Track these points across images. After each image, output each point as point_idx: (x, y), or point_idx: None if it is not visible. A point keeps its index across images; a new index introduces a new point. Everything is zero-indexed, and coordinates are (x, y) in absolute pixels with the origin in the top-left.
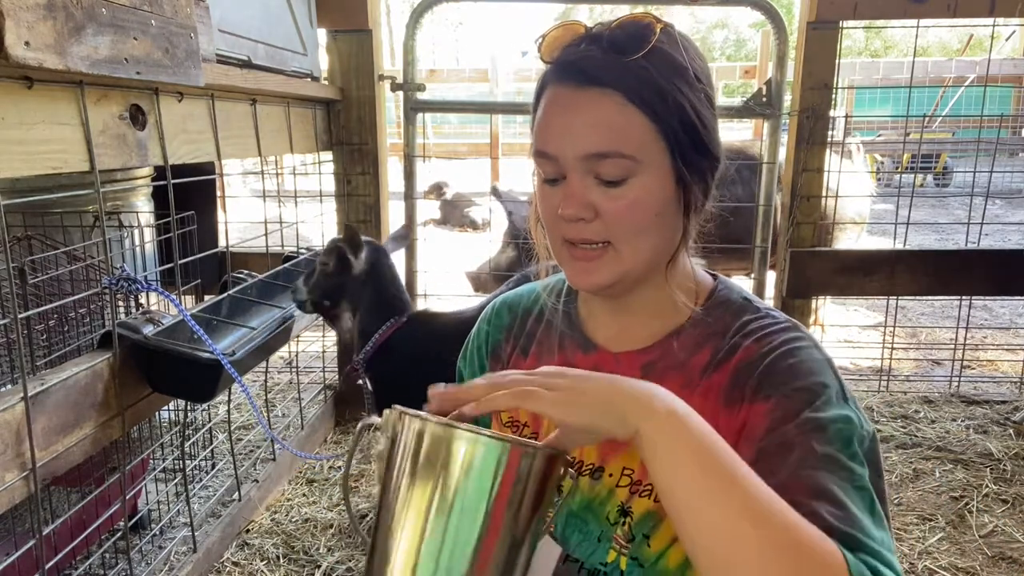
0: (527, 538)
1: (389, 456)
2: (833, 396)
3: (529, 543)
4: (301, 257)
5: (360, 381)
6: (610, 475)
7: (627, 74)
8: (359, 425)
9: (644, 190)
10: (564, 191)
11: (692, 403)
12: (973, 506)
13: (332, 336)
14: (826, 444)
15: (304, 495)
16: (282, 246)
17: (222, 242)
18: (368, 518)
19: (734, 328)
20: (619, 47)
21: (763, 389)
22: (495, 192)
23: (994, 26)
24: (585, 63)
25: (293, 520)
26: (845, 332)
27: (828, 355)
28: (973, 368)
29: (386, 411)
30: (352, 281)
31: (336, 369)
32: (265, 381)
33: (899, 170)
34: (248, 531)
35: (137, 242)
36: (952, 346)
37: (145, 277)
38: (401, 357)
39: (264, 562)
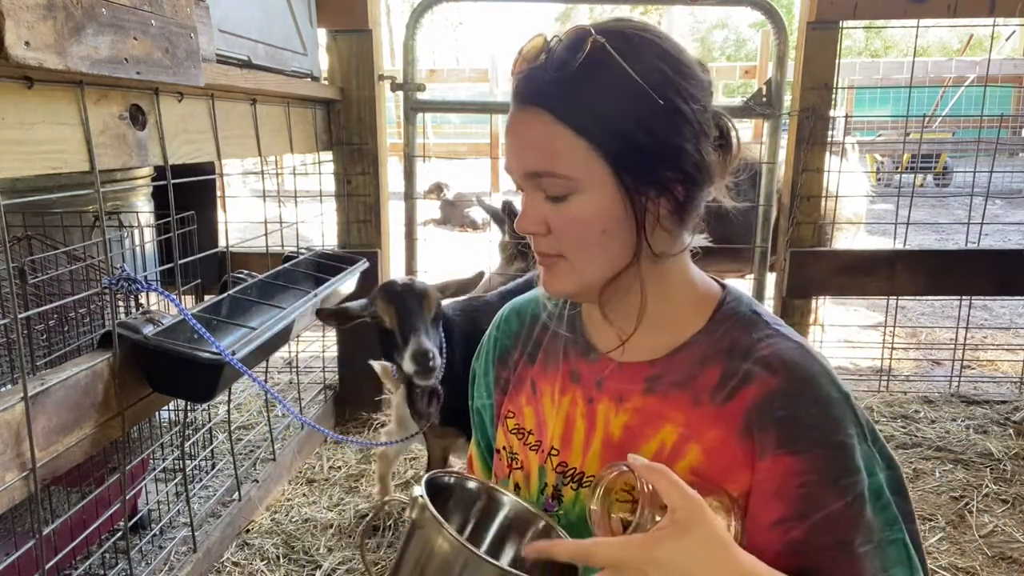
0: None
1: (408, 536)
2: (858, 446)
3: None
4: (301, 257)
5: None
6: None
7: (557, 91)
8: (361, 525)
9: (587, 206)
10: (521, 206)
11: (703, 425)
12: (973, 506)
13: (332, 336)
14: (865, 513)
15: (304, 495)
16: (282, 246)
17: (222, 242)
18: (380, 565)
19: (744, 348)
20: (557, 62)
21: (791, 443)
22: (508, 209)
23: (994, 26)
24: (520, 82)
25: (293, 520)
26: (845, 332)
27: (845, 389)
28: (973, 368)
29: (415, 493)
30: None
31: (336, 369)
32: (265, 381)
33: (899, 170)
34: (248, 531)
35: (137, 242)
36: (952, 346)
37: (145, 277)
38: (457, 349)
39: (264, 562)
